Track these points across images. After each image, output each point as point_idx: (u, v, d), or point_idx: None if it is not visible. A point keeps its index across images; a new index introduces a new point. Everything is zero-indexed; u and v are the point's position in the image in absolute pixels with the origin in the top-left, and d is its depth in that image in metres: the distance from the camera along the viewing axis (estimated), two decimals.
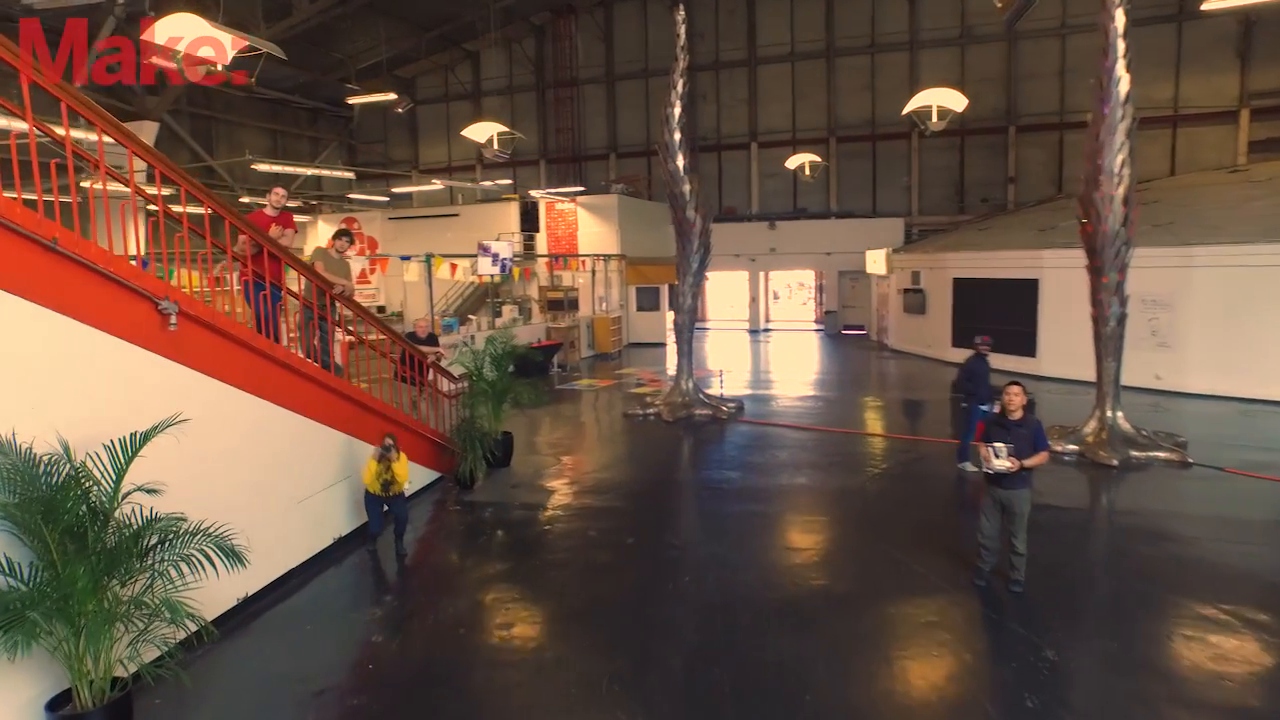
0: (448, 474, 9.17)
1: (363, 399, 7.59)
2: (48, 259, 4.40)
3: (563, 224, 23.97)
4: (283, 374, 6.40)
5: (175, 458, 5.08)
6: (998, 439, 5.74)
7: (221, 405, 5.72)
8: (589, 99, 30.09)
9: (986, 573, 6.03)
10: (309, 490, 6.79)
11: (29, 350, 4.34)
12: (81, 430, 4.38)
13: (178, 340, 5.26)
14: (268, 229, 6.92)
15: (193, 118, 24.11)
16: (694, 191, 12.02)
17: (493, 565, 6.97)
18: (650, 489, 9.23)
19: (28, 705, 4.20)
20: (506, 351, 10.11)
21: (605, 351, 21.68)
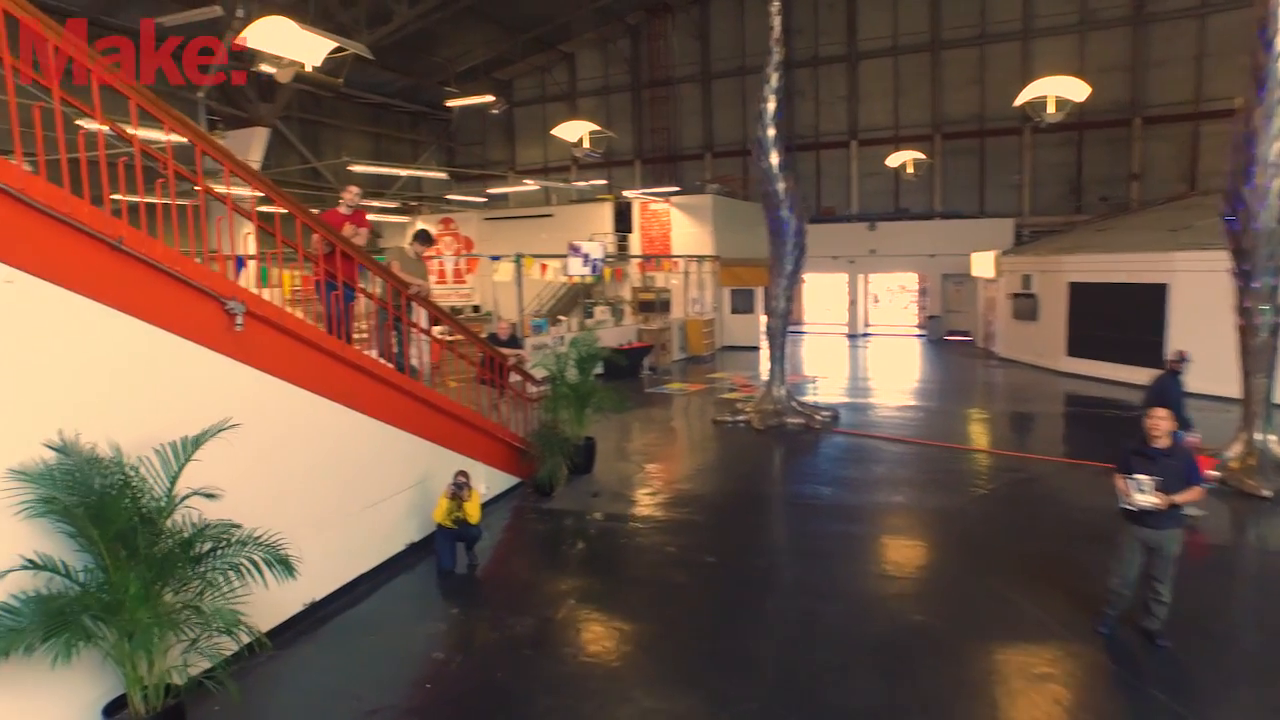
0: (527, 480, 8.92)
1: (439, 402, 7.42)
2: (114, 259, 4.32)
3: (656, 224, 23.64)
4: (354, 376, 6.25)
5: (239, 461, 4.96)
6: (1140, 471, 4.96)
7: (289, 407, 5.60)
8: (684, 98, 29.68)
9: (1113, 619, 5.28)
10: (381, 495, 6.63)
11: (95, 350, 4.26)
12: (144, 431, 4.27)
13: (245, 341, 5.14)
14: (341, 227, 6.81)
15: (302, 123, 25.00)
16: (788, 190, 11.43)
17: (565, 580, 6.65)
18: (735, 503, 8.73)
19: (88, 707, 4.13)
20: (590, 354, 9.83)
21: (698, 354, 21.22)
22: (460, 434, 7.75)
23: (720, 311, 23.29)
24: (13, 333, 3.88)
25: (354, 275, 6.48)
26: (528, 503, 8.57)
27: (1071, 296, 16.50)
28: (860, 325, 26.46)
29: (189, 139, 4.87)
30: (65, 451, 3.96)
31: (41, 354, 4.01)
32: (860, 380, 17.68)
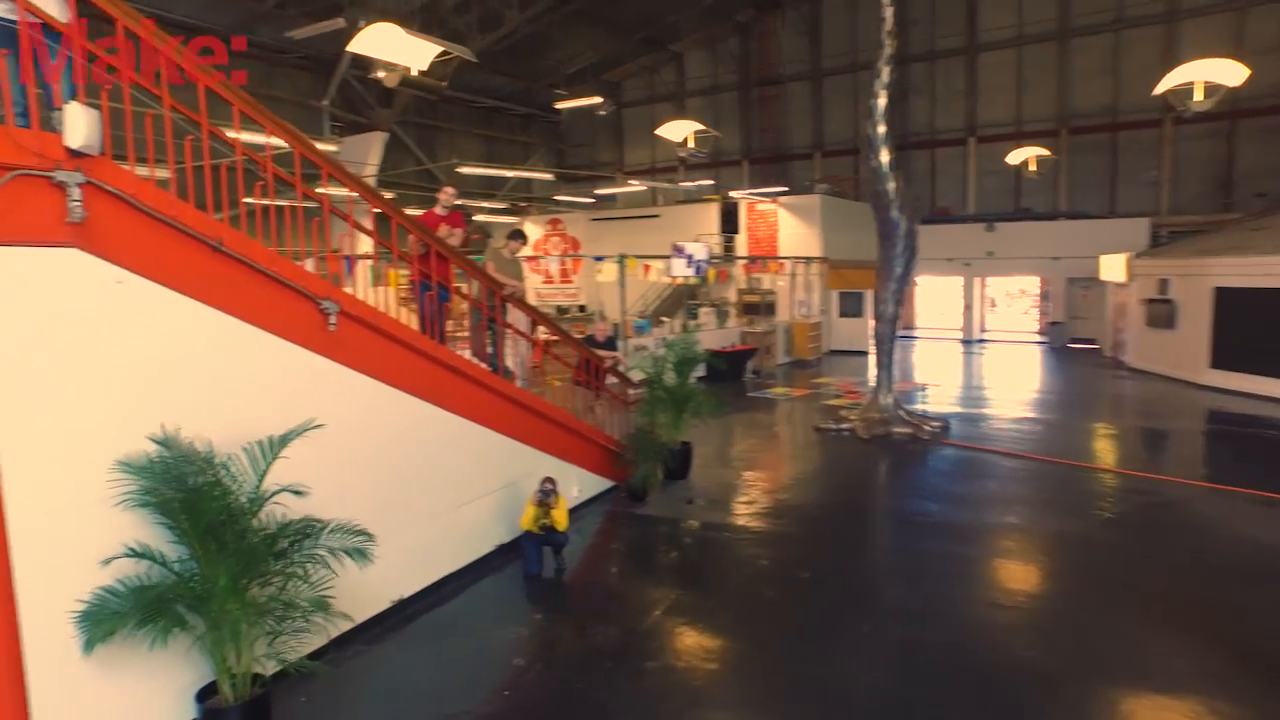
0: (621, 484, 8.79)
1: (533, 404, 7.39)
2: (215, 260, 4.43)
3: (763, 225, 23.20)
4: (446, 376, 6.27)
5: (329, 458, 5.03)
6: None
7: (381, 406, 5.65)
8: (794, 96, 29.04)
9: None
10: (471, 495, 6.65)
11: (195, 347, 4.39)
12: (238, 427, 4.35)
13: (338, 340, 5.21)
14: (436, 228, 6.86)
15: (418, 127, 25.91)
16: (898, 190, 10.86)
17: (653, 590, 6.47)
18: (834, 515, 8.33)
19: (184, 691, 4.25)
20: (688, 357, 9.63)
21: (803, 359, 20.66)
22: (554, 436, 7.71)
23: (828, 315, 22.62)
24: (122, 330, 4.02)
25: (449, 276, 6.52)
26: (620, 507, 8.44)
27: (1218, 303, 15.03)
28: (975, 331, 25.14)
29: (288, 143, 4.95)
30: (166, 445, 4.07)
31: (147, 350, 4.15)
32: (974, 389, 16.73)
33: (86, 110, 3.73)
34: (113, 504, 3.87)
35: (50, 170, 3.66)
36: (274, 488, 4.19)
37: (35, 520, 3.66)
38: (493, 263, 7.45)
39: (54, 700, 3.73)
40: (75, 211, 3.71)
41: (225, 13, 18.26)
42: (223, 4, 17.74)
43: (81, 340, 3.86)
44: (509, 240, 7.70)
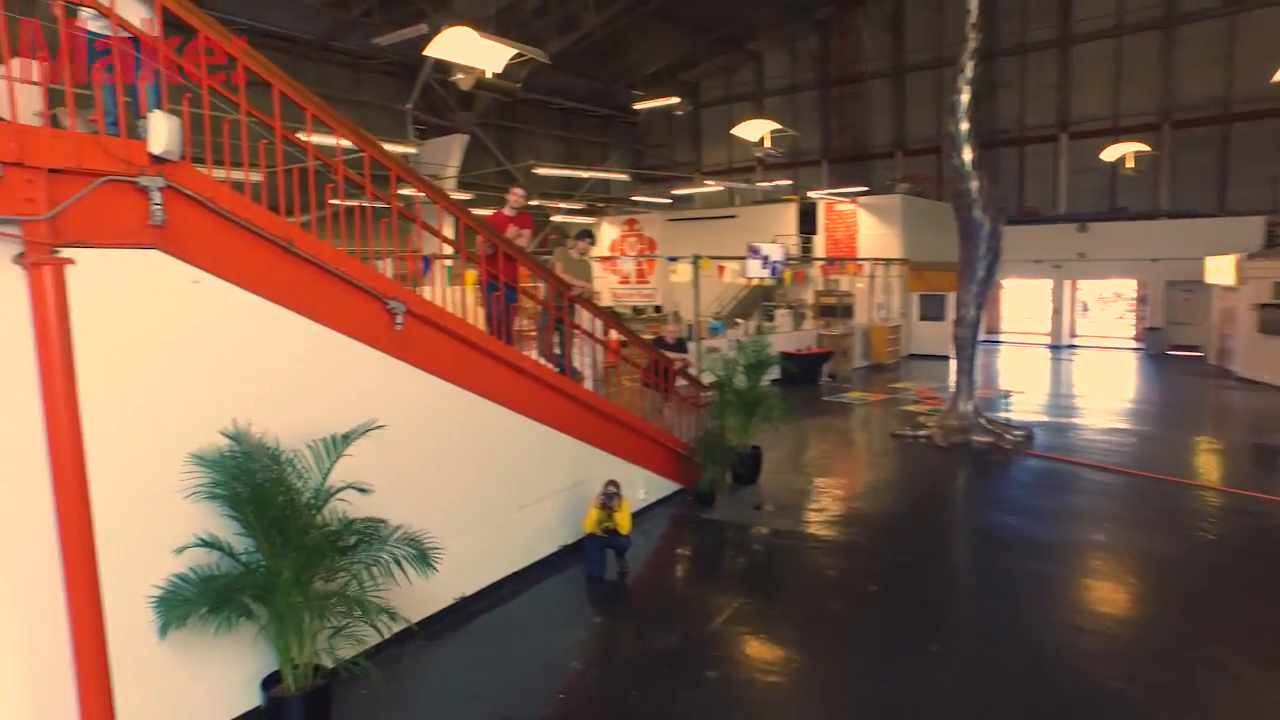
0: (688, 487, 8.69)
1: (600, 406, 7.36)
2: (285, 260, 4.54)
3: (842, 226, 22.71)
4: (513, 376, 6.29)
5: (394, 456, 5.11)
6: None
7: (447, 405, 5.70)
8: (875, 94, 28.32)
9: None
10: (535, 496, 6.66)
11: (265, 345, 4.50)
12: (305, 423, 4.45)
13: (405, 339, 5.28)
14: (505, 229, 6.90)
15: (498, 129, 26.33)
16: (982, 189, 10.40)
17: (716, 597, 6.34)
18: (907, 526, 8.02)
19: (250, 678, 4.36)
20: (759, 360, 9.46)
21: (881, 363, 20.10)
22: (621, 438, 7.67)
23: (908, 318, 21.95)
24: (197, 328, 4.16)
25: (516, 276, 6.54)
26: (687, 511, 8.34)
27: None
28: (1065, 336, 23.97)
29: (357, 145, 5.02)
30: (238, 439, 4.20)
31: (220, 347, 4.28)
32: (1062, 397, 15.93)
33: (168, 118, 3.87)
34: (186, 496, 4.00)
35: (135, 176, 3.81)
36: (338, 484, 4.26)
37: (116, 508, 3.81)
38: (561, 263, 7.45)
39: (132, 680, 3.88)
40: (156, 214, 3.85)
41: (315, 22, 18.97)
42: (313, 14, 18.41)
43: (160, 337, 4.00)
44: (577, 240, 7.70)
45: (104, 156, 3.72)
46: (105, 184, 3.72)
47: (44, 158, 3.53)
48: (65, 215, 3.60)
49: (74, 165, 3.63)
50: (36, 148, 3.51)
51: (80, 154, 3.66)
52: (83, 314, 3.67)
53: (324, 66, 20.92)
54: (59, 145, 3.59)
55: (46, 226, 3.52)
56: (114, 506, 3.80)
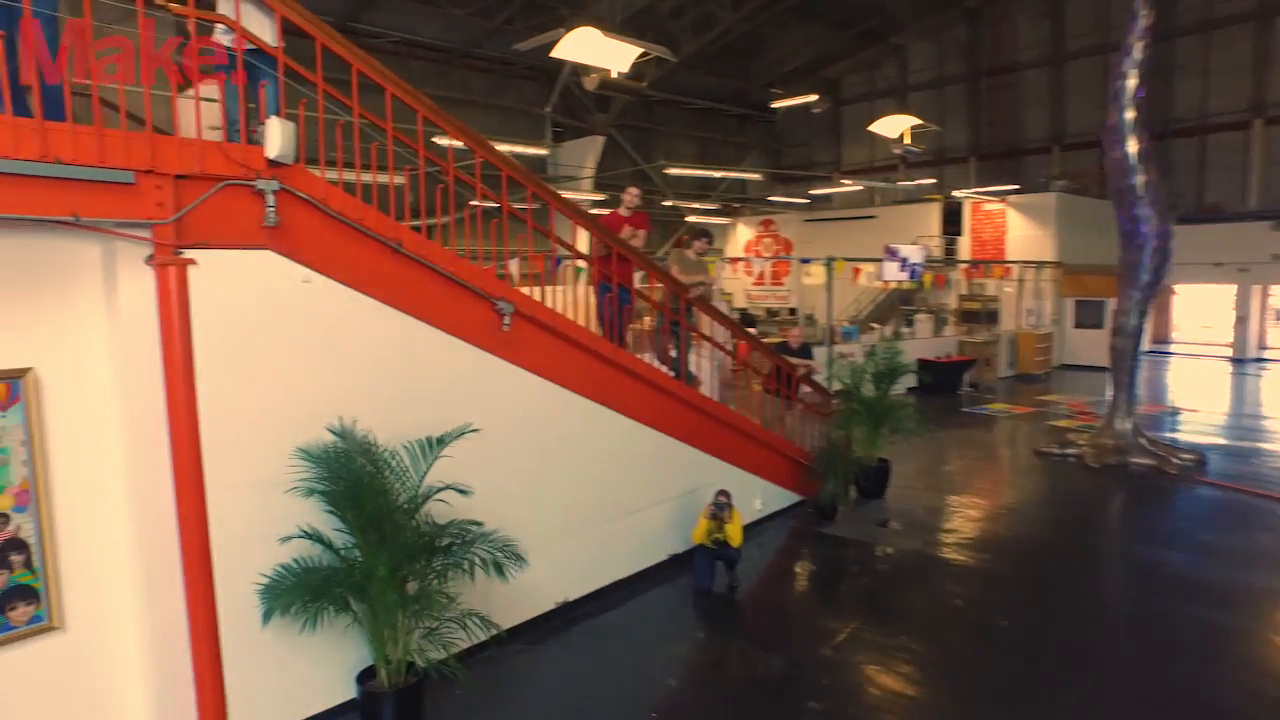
0: (808, 499, 8.28)
1: (716, 411, 7.11)
2: (395, 261, 4.59)
3: (989, 226, 21.32)
4: (624, 380, 6.16)
5: (501, 457, 5.11)
6: None
7: (554, 407, 5.63)
8: (1029, 84, 26.36)
9: None
10: (645, 502, 6.50)
11: (374, 343, 4.57)
12: (412, 422, 4.49)
13: (512, 340, 5.24)
14: (620, 230, 6.77)
15: (634, 131, 26.47)
16: (1149, 184, 9.33)
17: (829, 620, 5.94)
18: (1048, 555, 7.27)
19: (347, 671, 4.44)
20: (891, 368, 8.91)
21: (1029, 373, 18.65)
22: (738, 446, 7.39)
23: (1060, 325, 20.28)
24: (307, 326, 4.26)
25: (630, 278, 6.40)
26: (806, 524, 7.95)
27: None
28: (1252, 348, 21.36)
29: (468, 145, 5.02)
30: (342, 436, 4.26)
31: (328, 346, 4.37)
32: (1246, 418, 14.15)
33: (283, 123, 3.97)
34: (291, 489, 4.09)
35: (252, 179, 3.93)
36: (437, 485, 4.25)
37: (228, 496, 3.95)
38: (677, 264, 7.26)
39: (240, 662, 4.03)
40: (270, 216, 3.96)
41: (460, 31, 19.73)
42: (458, 24, 19.15)
43: (272, 334, 4.12)
44: (693, 240, 7.48)
45: (225, 162, 3.87)
46: (225, 188, 3.86)
47: (172, 164, 3.69)
48: (188, 218, 3.76)
49: (198, 171, 3.78)
50: (166, 155, 3.67)
51: (205, 160, 3.81)
52: (201, 311, 3.82)
53: (467, 73, 21.73)
54: (186, 152, 3.75)
55: (172, 229, 3.69)
56: (225, 494, 3.94)
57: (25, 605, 3.73)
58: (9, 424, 3.62)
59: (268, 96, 4.10)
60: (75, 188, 3.40)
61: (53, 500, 3.75)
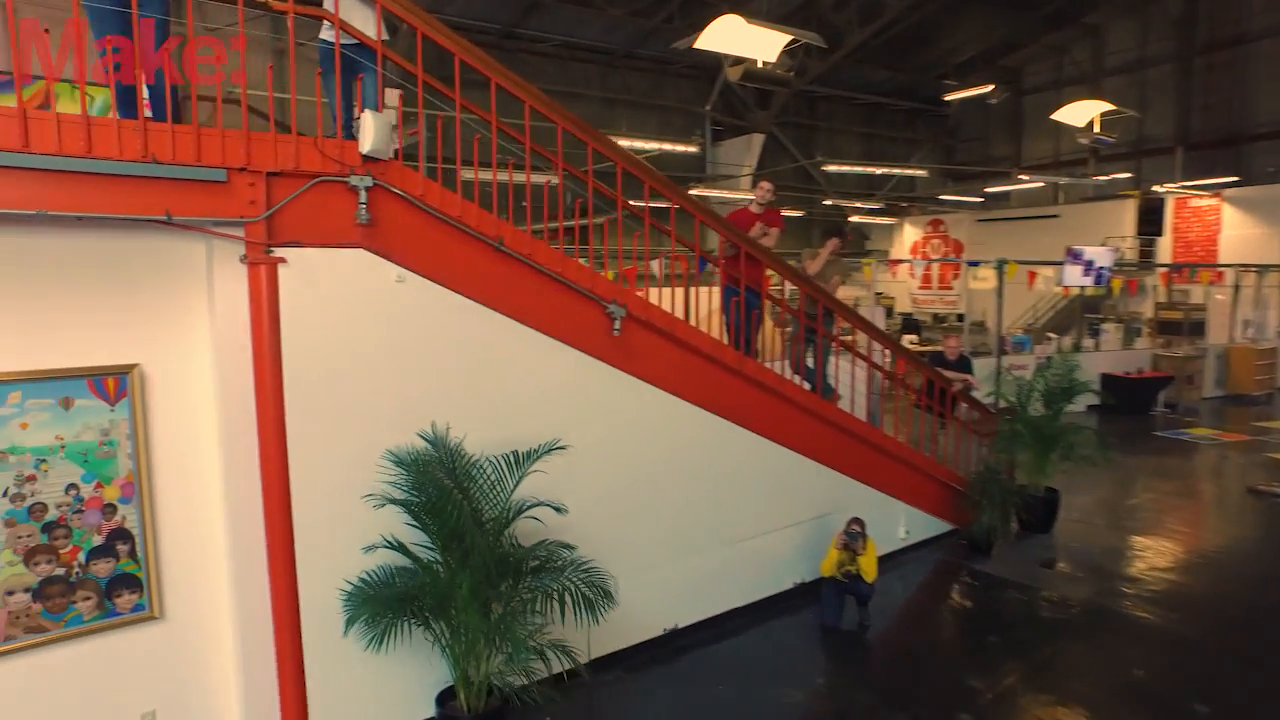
0: (961, 529, 7.37)
1: (856, 429, 6.42)
2: (496, 260, 4.34)
3: (1197, 225, 18.77)
4: (752, 392, 5.64)
5: (607, 471, 4.80)
6: None
7: (669, 419, 5.22)
8: (1260, 58, 22.78)
9: None
10: (770, 525, 5.95)
11: (470, 347, 4.35)
12: (510, 431, 4.25)
13: (625, 346, 4.87)
14: (749, 227, 6.23)
15: (796, 128, 25.51)
16: None
17: (973, 676, 5.13)
18: (1262, 620, 6.00)
19: (428, 689, 4.24)
20: (1064, 386, 7.81)
21: (1244, 394, 16.11)
22: (880, 467, 6.66)
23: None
24: (400, 327, 4.09)
25: (760, 280, 5.86)
26: (956, 558, 7.06)
27: None
28: None
29: (581, 138, 4.66)
30: (435, 444, 4.07)
31: (423, 348, 4.19)
32: None
33: (378, 117, 3.81)
34: (371, 497, 3.93)
35: (345, 175, 3.80)
36: (529, 500, 3.97)
37: (313, 499, 3.85)
38: (810, 259, 6.63)
39: (322, 668, 3.92)
40: (362, 214, 3.81)
41: (620, 32, 19.75)
42: (618, 25, 19.16)
43: (362, 335, 3.98)
44: (826, 238, 6.78)
45: (320, 158, 3.75)
46: (318, 184, 3.75)
47: (267, 161, 3.61)
48: (281, 216, 3.67)
49: (292, 167, 3.69)
50: (261, 152, 3.60)
51: (300, 156, 3.71)
52: (291, 310, 3.72)
53: (628, 74, 21.75)
54: (282, 149, 3.67)
55: (263, 227, 3.61)
56: (311, 496, 3.85)
57: (129, 593, 3.80)
58: (116, 418, 3.68)
59: (367, 90, 3.96)
60: (170, 186, 3.38)
61: (155, 493, 3.80)
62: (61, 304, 3.51)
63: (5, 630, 3.55)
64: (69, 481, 3.61)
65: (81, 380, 3.59)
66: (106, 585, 3.73)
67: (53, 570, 3.62)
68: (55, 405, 3.55)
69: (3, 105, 3.14)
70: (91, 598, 3.71)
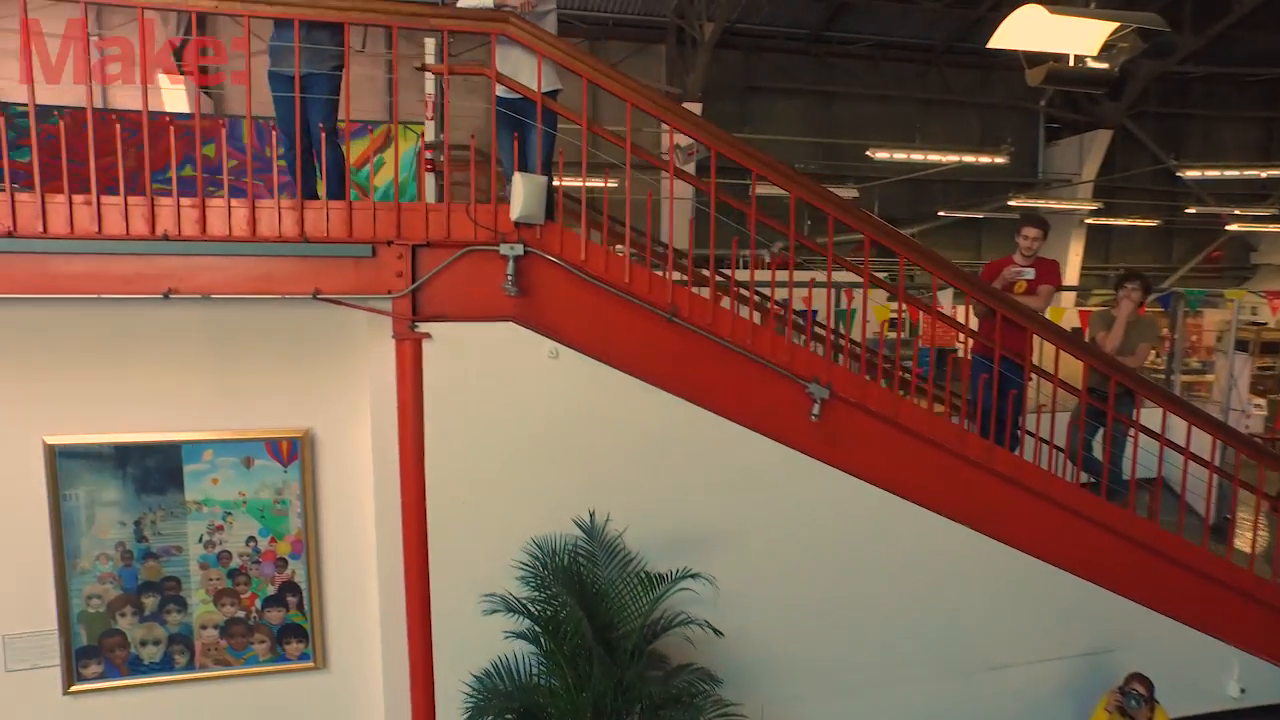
0: None
1: (1159, 543, 4.74)
2: (667, 332, 3.75)
3: None
4: (1001, 490, 4.37)
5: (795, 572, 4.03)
6: None
7: (883, 520, 4.18)
8: None
9: None
10: (1023, 655, 4.58)
11: (635, 430, 3.81)
12: (678, 524, 3.70)
13: (828, 432, 3.98)
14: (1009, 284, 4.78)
15: (1157, 118, 20.87)
16: None
17: None
18: None
19: None
20: None
21: None
22: (1201, 594, 4.87)
23: None
24: (551, 405, 3.69)
25: (1024, 350, 4.47)
26: None
27: None
28: None
29: (702, 142, 3.78)
30: (590, 533, 3.64)
31: (576, 429, 3.74)
32: None
33: (529, 180, 3.43)
34: (516, 581, 3.58)
35: (495, 244, 3.48)
36: (679, 614, 3.38)
37: (452, 576, 3.63)
38: (1103, 330, 4.97)
39: None
40: (509, 285, 3.46)
41: (940, 26, 17.77)
42: (937, 18, 17.23)
43: (510, 413, 3.65)
44: (1129, 288, 4.95)
45: (470, 226, 3.48)
46: (468, 253, 3.48)
47: (417, 233, 3.42)
48: (429, 288, 3.47)
49: (443, 237, 3.46)
50: (412, 224, 3.42)
51: (451, 226, 3.47)
52: (435, 386, 3.51)
53: (948, 71, 19.48)
54: (435, 219, 3.46)
55: (408, 301, 3.43)
56: (449, 575, 3.66)
57: (297, 643, 3.91)
58: (289, 479, 3.78)
59: (526, 148, 3.58)
60: (321, 262, 3.32)
61: (322, 550, 3.86)
62: (245, 370, 3.66)
63: (199, 659, 3.84)
64: (249, 534, 3.78)
65: (260, 443, 3.72)
66: (278, 632, 3.88)
67: (235, 612, 3.83)
68: (239, 464, 3.72)
69: None
70: (265, 641, 3.88)
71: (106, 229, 3.13)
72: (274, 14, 3.19)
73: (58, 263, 3.13)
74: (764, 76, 18.04)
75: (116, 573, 3.70)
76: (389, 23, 3.43)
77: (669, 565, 3.78)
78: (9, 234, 3.06)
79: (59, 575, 3.64)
